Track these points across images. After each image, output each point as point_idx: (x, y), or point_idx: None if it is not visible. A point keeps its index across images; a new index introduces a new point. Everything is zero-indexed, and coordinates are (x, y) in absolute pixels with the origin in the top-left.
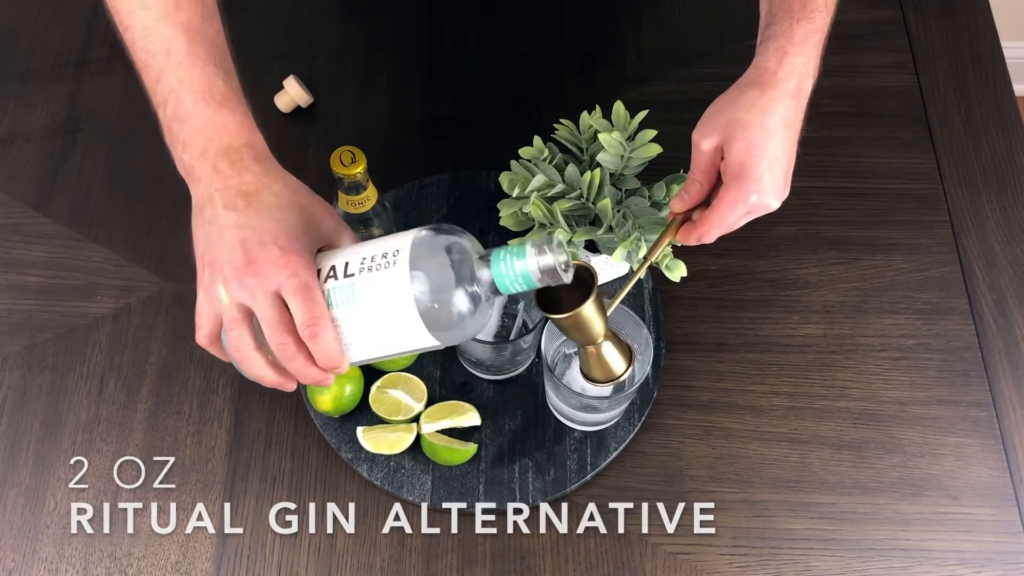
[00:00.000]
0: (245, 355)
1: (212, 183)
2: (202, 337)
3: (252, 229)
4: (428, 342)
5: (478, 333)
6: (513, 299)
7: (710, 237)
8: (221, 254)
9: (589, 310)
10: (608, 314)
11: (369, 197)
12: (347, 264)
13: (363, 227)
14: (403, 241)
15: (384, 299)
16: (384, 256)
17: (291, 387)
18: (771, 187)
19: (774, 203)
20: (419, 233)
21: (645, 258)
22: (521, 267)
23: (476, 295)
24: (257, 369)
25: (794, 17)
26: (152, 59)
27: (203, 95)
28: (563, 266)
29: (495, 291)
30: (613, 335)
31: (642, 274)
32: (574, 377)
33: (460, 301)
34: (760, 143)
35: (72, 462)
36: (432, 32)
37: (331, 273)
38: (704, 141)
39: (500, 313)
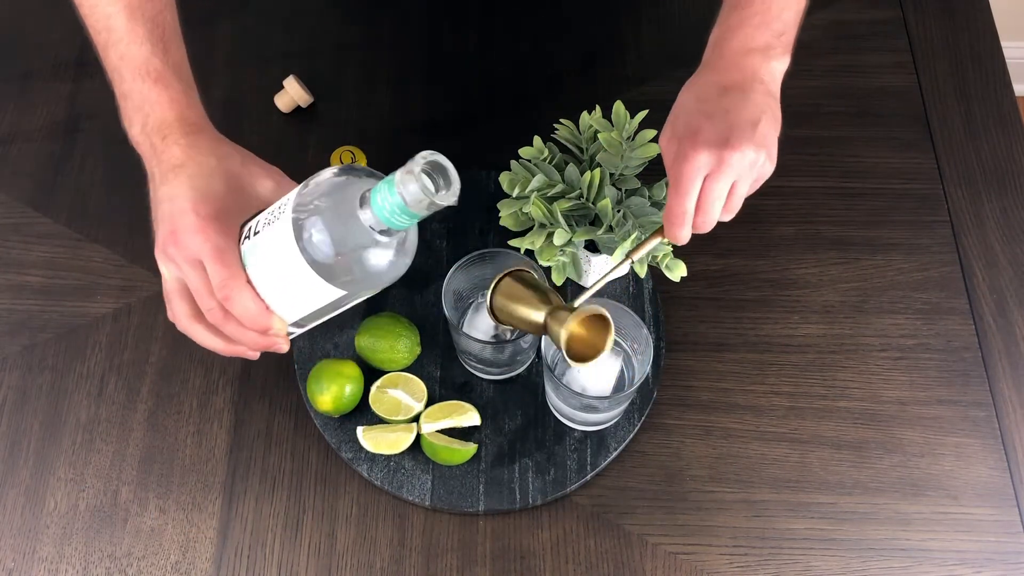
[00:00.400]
0: (183, 325)
1: (151, 159)
2: (169, 314)
3: (176, 200)
4: (333, 293)
5: (395, 278)
6: None
7: (676, 216)
8: (157, 229)
9: (502, 297)
10: (577, 304)
11: None
12: (258, 222)
13: None
14: (295, 190)
15: (276, 252)
16: (279, 208)
17: (250, 355)
18: (716, 137)
19: (732, 156)
20: (310, 179)
21: (628, 255)
22: (394, 198)
23: (367, 236)
24: (201, 338)
25: (730, 5)
26: (98, 35)
27: (139, 72)
28: (440, 188)
29: (388, 230)
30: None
31: (624, 270)
32: (574, 377)
33: (348, 245)
34: (693, 107)
35: (72, 462)
36: (432, 32)
37: (247, 234)
38: (662, 141)
39: None
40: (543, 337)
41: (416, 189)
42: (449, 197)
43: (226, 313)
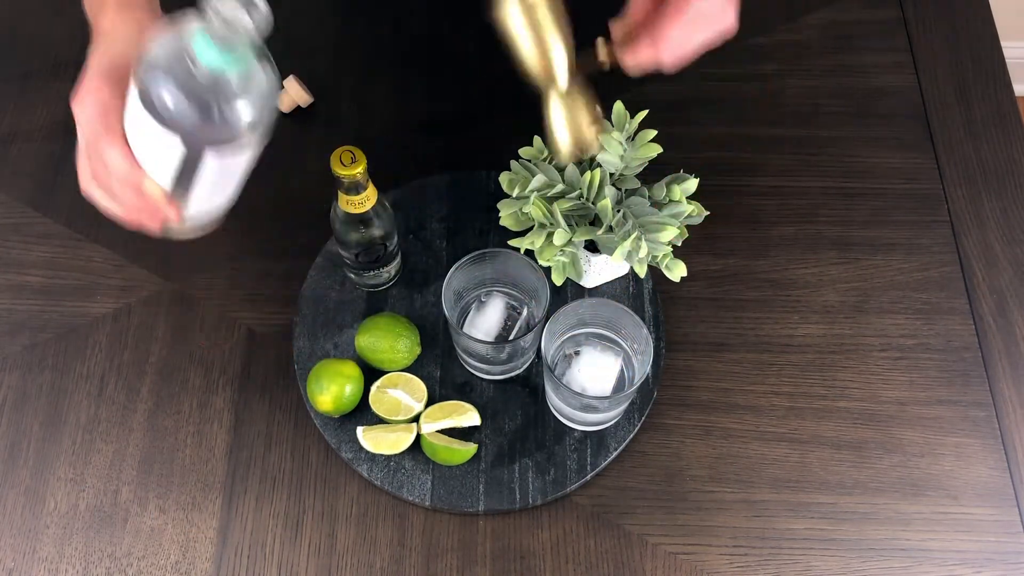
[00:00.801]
0: (84, 187)
1: (92, 33)
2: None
3: (90, 65)
4: (176, 143)
5: (247, 128)
6: (516, 299)
7: (659, 50)
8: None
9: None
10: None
11: (369, 197)
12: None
13: (363, 227)
14: None
15: (129, 104)
16: None
17: (149, 226)
18: None
19: (724, 12)
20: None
21: (576, 64)
22: (198, 28)
23: (196, 79)
24: (98, 201)
25: None
26: None
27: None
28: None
29: (220, 73)
30: (584, 96)
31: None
32: (574, 377)
33: (180, 88)
34: None
35: (72, 462)
36: (432, 32)
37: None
38: None
39: (502, 314)
40: (543, 337)
41: (216, 7)
42: (253, 17)
43: (106, 170)
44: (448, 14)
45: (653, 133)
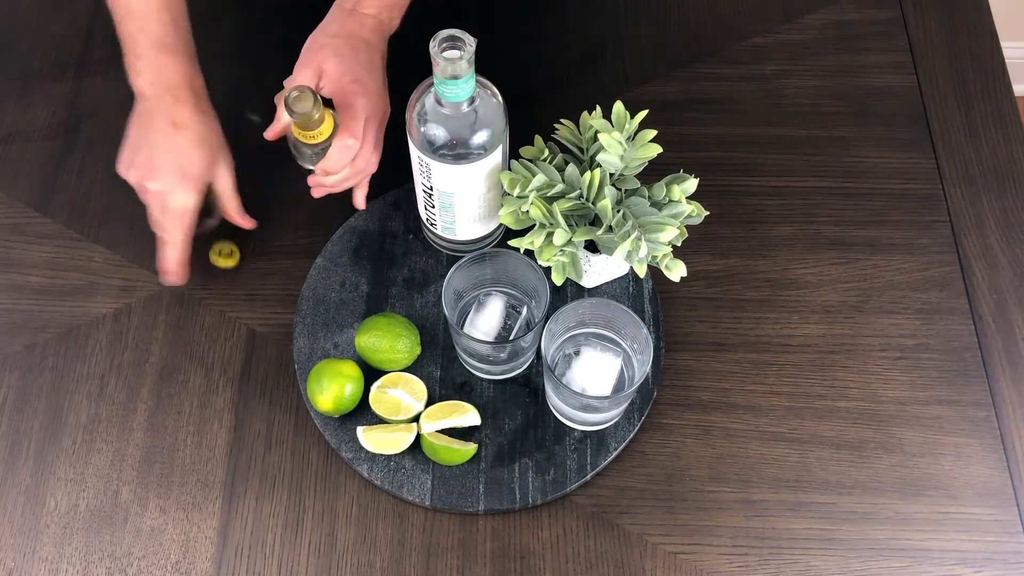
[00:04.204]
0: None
1: (156, 106)
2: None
3: (170, 154)
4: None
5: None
6: (516, 299)
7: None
8: (142, 161)
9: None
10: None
11: (323, 131)
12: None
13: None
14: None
15: None
16: None
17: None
18: None
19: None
20: None
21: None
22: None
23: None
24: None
25: None
26: (116, 8)
27: (154, 43)
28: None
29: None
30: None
31: None
32: (574, 377)
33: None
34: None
35: (72, 462)
36: (432, 32)
37: None
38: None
39: (502, 314)
40: (543, 337)
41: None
42: (464, 52)
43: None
44: (448, 14)
45: (653, 133)
